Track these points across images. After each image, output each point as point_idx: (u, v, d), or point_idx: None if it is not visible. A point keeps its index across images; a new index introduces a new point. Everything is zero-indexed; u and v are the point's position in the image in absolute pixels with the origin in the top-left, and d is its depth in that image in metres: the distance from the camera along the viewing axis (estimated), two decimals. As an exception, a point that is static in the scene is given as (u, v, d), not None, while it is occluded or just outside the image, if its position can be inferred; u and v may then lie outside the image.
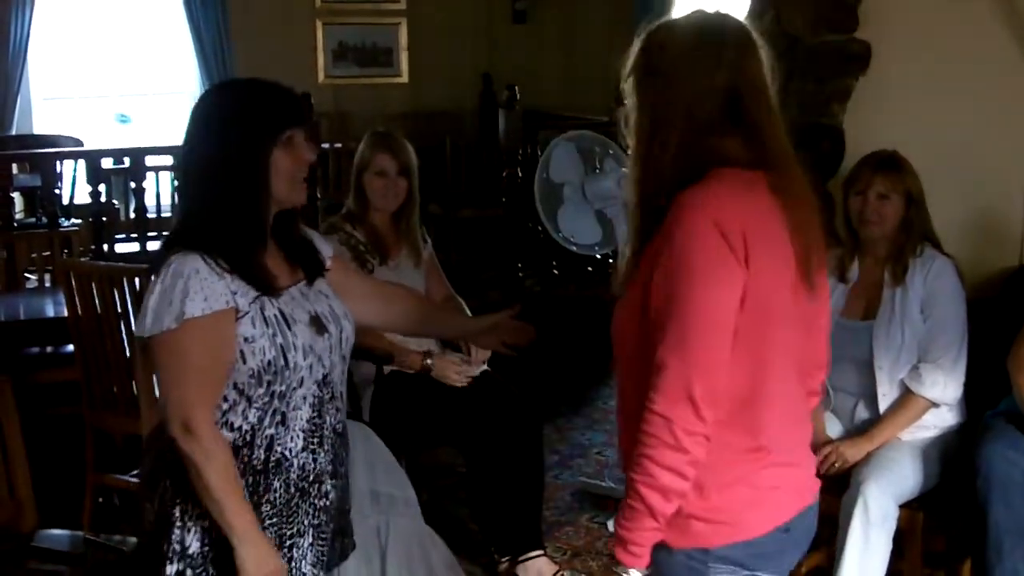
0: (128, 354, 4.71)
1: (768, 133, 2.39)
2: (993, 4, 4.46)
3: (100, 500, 4.99)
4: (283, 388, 2.60)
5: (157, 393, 2.72)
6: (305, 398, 2.66)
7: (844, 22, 4.45)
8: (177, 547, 2.58)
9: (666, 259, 2.22)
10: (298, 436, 2.67)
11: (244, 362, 2.55)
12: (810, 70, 4.48)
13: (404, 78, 10.82)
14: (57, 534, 3.70)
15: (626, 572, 2.32)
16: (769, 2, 4.62)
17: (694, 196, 2.24)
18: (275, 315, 2.59)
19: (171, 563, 2.59)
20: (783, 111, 4.30)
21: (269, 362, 2.56)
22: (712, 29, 2.36)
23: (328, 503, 2.76)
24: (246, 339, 2.54)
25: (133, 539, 3.72)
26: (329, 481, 2.75)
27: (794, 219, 2.33)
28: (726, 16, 2.39)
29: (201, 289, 2.48)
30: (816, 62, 4.47)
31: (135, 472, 4.73)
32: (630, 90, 2.39)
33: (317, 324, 2.68)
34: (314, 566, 2.73)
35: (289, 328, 2.60)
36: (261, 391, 2.58)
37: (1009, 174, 4.53)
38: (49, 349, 5.76)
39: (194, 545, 2.59)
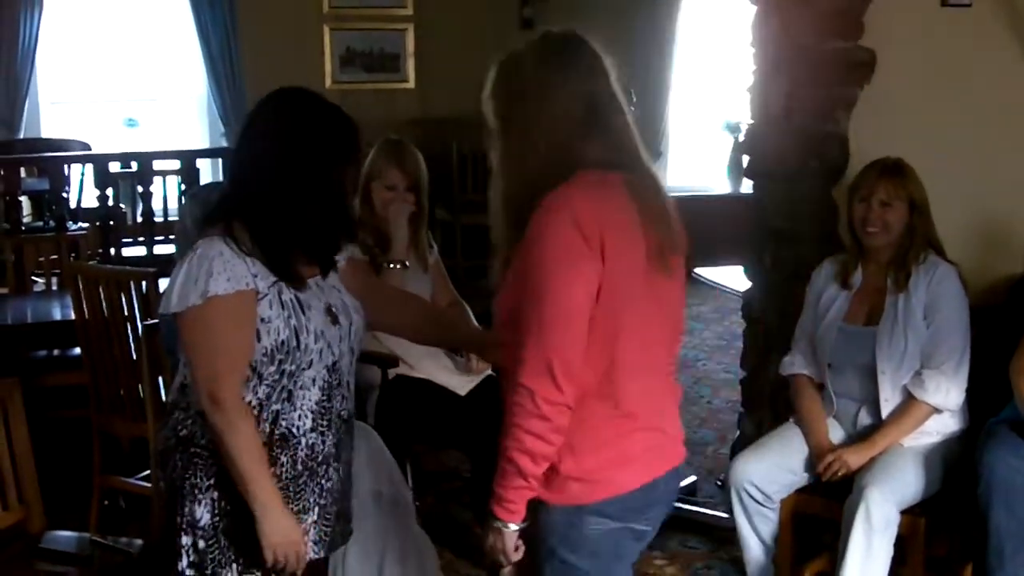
0: (135, 357, 4.72)
1: (622, 137, 2.62)
2: (997, 12, 4.47)
3: (107, 502, 5.00)
4: (293, 368, 2.73)
5: (179, 373, 2.82)
6: (314, 380, 2.78)
7: (848, 30, 4.46)
8: (188, 519, 2.71)
9: (528, 255, 2.49)
10: (307, 416, 2.79)
11: (259, 340, 2.68)
12: (815, 77, 4.49)
13: (411, 84, 10.82)
14: (65, 536, 3.72)
15: (505, 527, 2.55)
16: (775, 9, 4.63)
17: (555, 199, 2.48)
18: (291, 299, 2.74)
19: (185, 534, 2.73)
20: (789, 118, 4.35)
21: (283, 342, 2.70)
22: (560, 47, 2.63)
23: (332, 485, 2.88)
24: (262, 319, 2.68)
25: (140, 541, 3.75)
26: (334, 464, 2.88)
27: (648, 213, 2.57)
28: (570, 33, 2.66)
29: (224, 270, 2.62)
30: (820, 69, 4.47)
31: (142, 475, 4.78)
32: (491, 113, 2.63)
33: (331, 314, 2.82)
34: (316, 544, 2.85)
35: (303, 312, 2.74)
36: (272, 368, 2.71)
37: (1013, 182, 4.55)
38: (56, 352, 5.78)
39: (204, 517, 2.72)
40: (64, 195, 8.59)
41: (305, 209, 2.73)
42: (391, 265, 4.41)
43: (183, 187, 8.54)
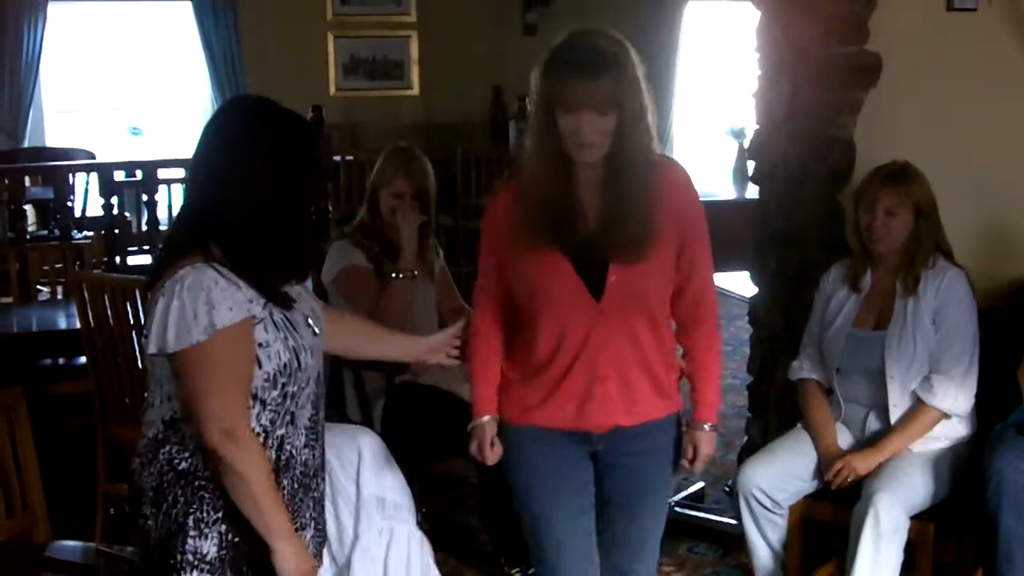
0: (140, 366, 4.72)
1: None
2: (1003, 16, 4.47)
3: (112, 511, 4.99)
4: (295, 389, 2.67)
5: (163, 406, 2.69)
6: (309, 396, 2.73)
7: (854, 34, 4.45)
8: (191, 556, 2.59)
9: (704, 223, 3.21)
10: (301, 434, 2.74)
11: (260, 367, 2.59)
12: (820, 82, 4.48)
13: (415, 90, 10.84)
14: (70, 545, 3.72)
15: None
16: (779, 13, 4.62)
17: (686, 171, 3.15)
18: (282, 319, 2.66)
19: (185, 572, 2.60)
20: (793, 122, 4.33)
21: (285, 364, 2.62)
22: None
23: (319, 495, 2.84)
24: (260, 344, 2.59)
25: (144, 550, 3.74)
26: (321, 474, 2.85)
27: None
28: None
29: (224, 298, 2.51)
30: (825, 74, 4.46)
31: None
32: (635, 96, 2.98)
33: (309, 325, 2.75)
34: (315, 557, 2.79)
35: (295, 330, 2.67)
36: (275, 393, 2.63)
37: (1020, 185, 4.54)
38: (61, 361, 5.78)
39: (211, 551, 2.60)
40: (69, 204, 8.61)
41: (279, 225, 2.64)
42: (399, 275, 4.39)
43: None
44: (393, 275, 4.39)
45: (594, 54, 2.87)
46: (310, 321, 2.76)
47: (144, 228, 8.51)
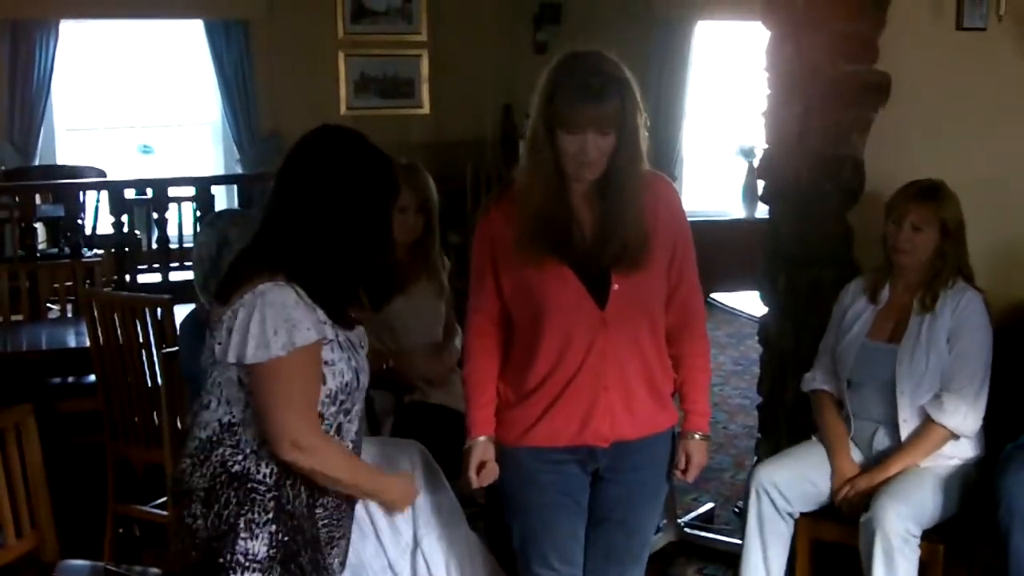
0: (150, 384, 4.72)
1: None
2: (1012, 35, 4.46)
3: (121, 531, 4.99)
4: (350, 406, 2.84)
5: (219, 408, 2.79)
6: (358, 412, 2.90)
7: (863, 53, 4.45)
8: (241, 557, 2.69)
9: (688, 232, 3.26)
10: (348, 447, 2.88)
11: (324, 383, 2.75)
12: (829, 101, 4.48)
13: (425, 109, 10.86)
14: (79, 565, 3.72)
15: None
16: (789, 33, 4.62)
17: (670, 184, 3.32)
18: (346, 340, 2.82)
19: (235, 572, 2.69)
20: (803, 141, 4.33)
21: (347, 383, 2.79)
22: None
23: (353, 508, 2.99)
24: (326, 362, 2.75)
25: (155, 570, 3.74)
26: None
27: None
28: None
29: (304, 319, 2.67)
30: (835, 93, 4.46)
31: (157, 502, 4.76)
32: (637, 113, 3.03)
33: (362, 346, 2.92)
34: (342, 565, 2.96)
35: (356, 352, 2.85)
36: (334, 409, 2.79)
37: (1031, 205, 4.53)
38: (71, 379, 5.79)
39: (262, 551, 2.71)
40: (79, 222, 8.64)
41: (362, 258, 2.79)
42: (400, 290, 4.41)
43: (198, 214, 8.56)
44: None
45: (600, 78, 2.94)
46: (362, 342, 2.93)
47: (154, 246, 8.53)
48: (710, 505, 5.40)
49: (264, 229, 2.83)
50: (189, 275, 3.91)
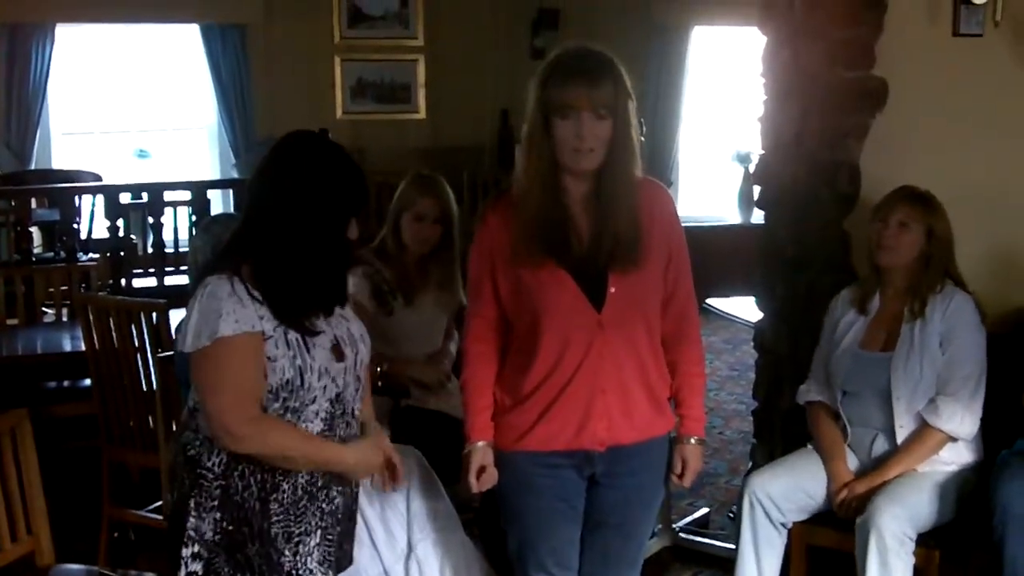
0: (145, 388, 4.72)
1: None
2: (1009, 41, 4.47)
3: (116, 535, 4.99)
4: (296, 404, 2.82)
5: (191, 395, 2.93)
6: (317, 413, 2.87)
7: (860, 59, 4.45)
8: (193, 533, 2.81)
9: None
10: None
11: (264, 378, 2.77)
12: (825, 106, 4.48)
13: (422, 114, 10.87)
14: (74, 569, 3.71)
15: None
16: (786, 39, 4.63)
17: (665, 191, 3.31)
18: (296, 339, 2.81)
19: (187, 546, 2.81)
20: (799, 147, 4.33)
21: (287, 381, 2.79)
22: None
23: (335, 508, 2.97)
24: (269, 358, 2.77)
25: (150, 574, 3.73)
26: (336, 488, 2.97)
27: None
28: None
29: (232, 311, 2.72)
30: (831, 98, 4.46)
31: (152, 507, 4.76)
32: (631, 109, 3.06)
33: (337, 351, 2.89)
34: (320, 564, 2.94)
35: (308, 352, 2.82)
36: (276, 405, 2.81)
37: (1026, 210, 4.53)
38: (66, 383, 5.77)
39: (208, 533, 2.81)
40: (75, 226, 8.63)
41: (313, 263, 2.81)
42: (408, 302, 4.41)
43: (194, 218, 8.56)
44: (397, 301, 4.40)
45: (594, 60, 3.00)
46: (342, 344, 2.92)
47: (150, 250, 8.52)
48: (705, 510, 5.40)
49: (235, 229, 2.92)
50: (185, 279, 3.92)
